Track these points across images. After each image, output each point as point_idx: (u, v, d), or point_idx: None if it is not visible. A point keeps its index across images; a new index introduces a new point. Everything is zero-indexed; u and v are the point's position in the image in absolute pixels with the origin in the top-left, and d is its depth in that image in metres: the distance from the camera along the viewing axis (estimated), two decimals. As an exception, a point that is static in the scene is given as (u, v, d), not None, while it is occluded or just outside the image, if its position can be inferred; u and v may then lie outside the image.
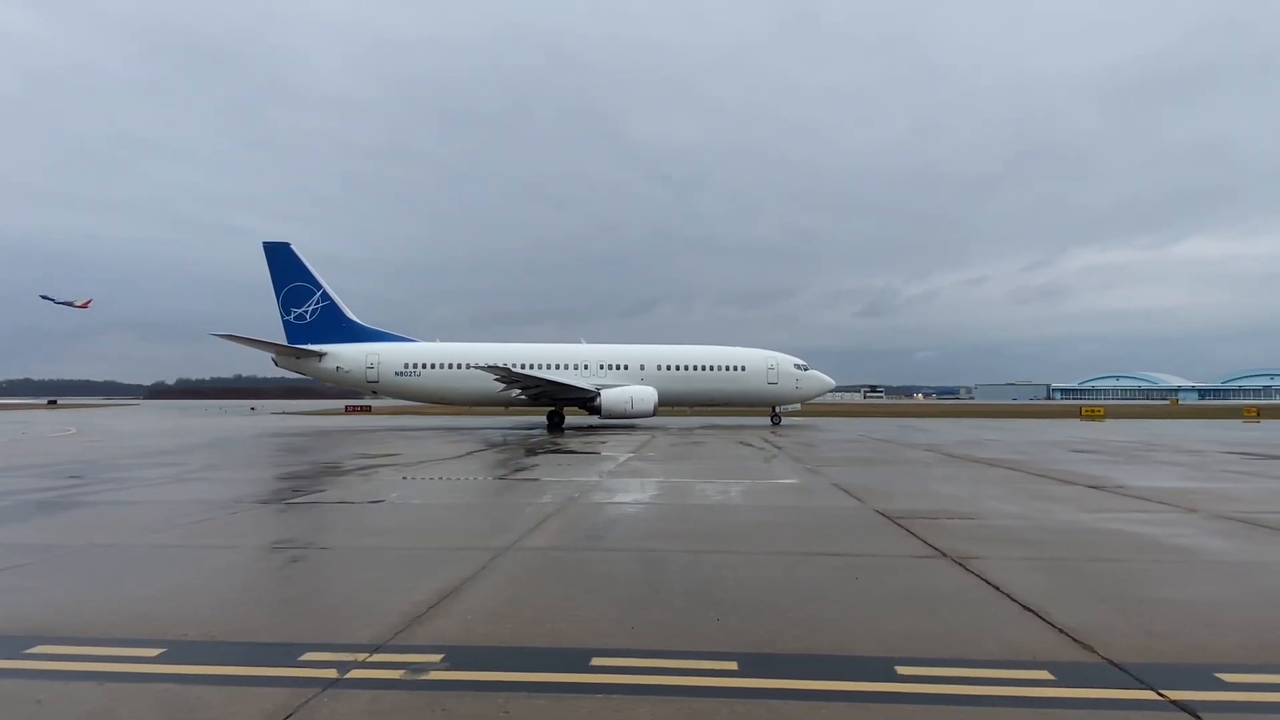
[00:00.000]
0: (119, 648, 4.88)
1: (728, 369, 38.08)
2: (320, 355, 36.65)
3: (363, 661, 4.60)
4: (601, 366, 37.46)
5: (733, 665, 4.51)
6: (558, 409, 37.41)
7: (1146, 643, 4.94)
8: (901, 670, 4.45)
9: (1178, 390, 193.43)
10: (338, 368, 36.84)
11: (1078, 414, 60.00)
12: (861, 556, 7.71)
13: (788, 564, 7.35)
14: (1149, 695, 4.07)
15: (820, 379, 38.94)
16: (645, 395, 35.45)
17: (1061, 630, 5.21)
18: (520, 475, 15.60)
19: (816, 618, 5.51)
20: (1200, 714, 3.82)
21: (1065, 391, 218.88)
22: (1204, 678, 4.32)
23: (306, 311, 37.29)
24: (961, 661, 4.61)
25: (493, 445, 24.48)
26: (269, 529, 9.32)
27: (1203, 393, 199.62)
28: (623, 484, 13.81)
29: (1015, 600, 5.97)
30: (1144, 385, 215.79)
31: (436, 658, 4.64)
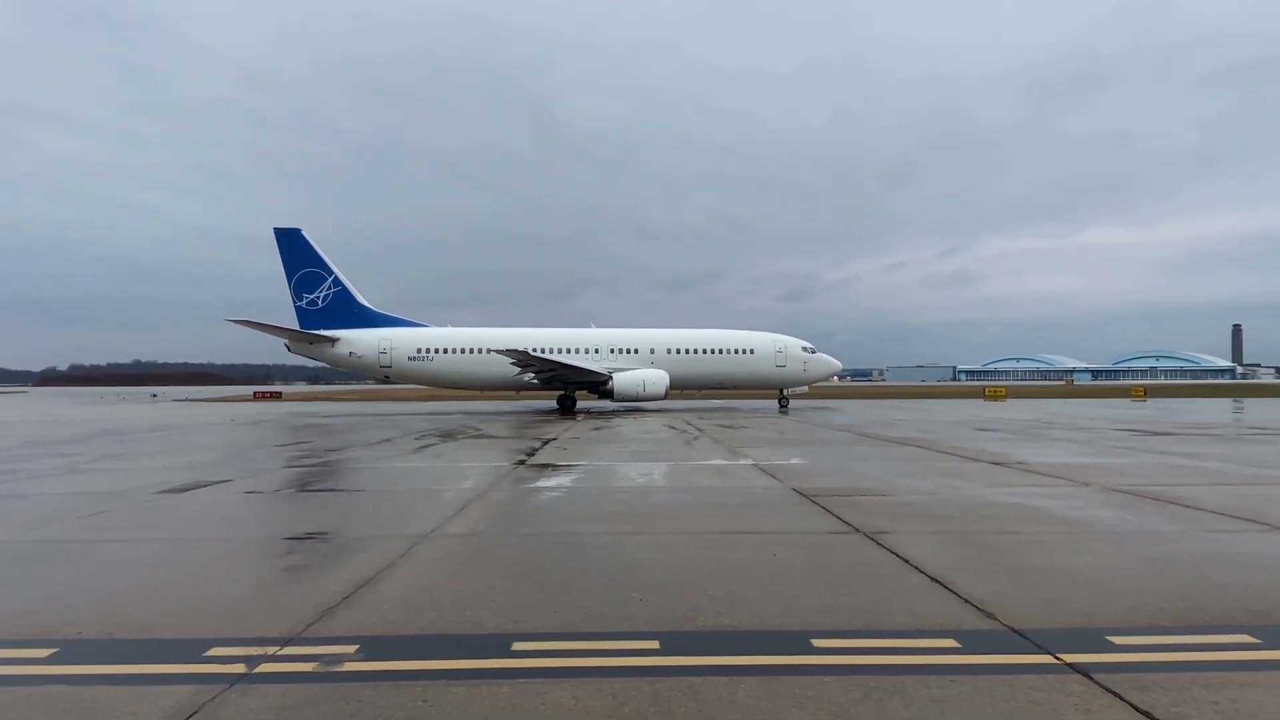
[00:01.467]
0: (4, 649, 4.57)
1: (736, 352, 38.48)
2: (333, 341, 36.93)
3: (273, 655, 4.44)
4: (612, 350, 37.69)
5: (655, 644, 4.54)
6: (569, 393, 37.52)
7: (1044, 610, 5.21)
8: (817, 643, 4.57)
9: (1073, 371, 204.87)
10: (351, 353, 37.07)
11: (981, 394, 62.83)
12: (779, 534, 7.88)
13: (709, 543, 7.45)
14: (1046, 659, 4.29)
15: (827, 361, 39.49)
16: (657, 379, 35.70)
17: (967, 600, 5.44)
18: (441, 462, 15.33)
19: (736, 594, 5.60)
20: (1092, 674, 4.06)
21: (970, 373, 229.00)
22: (1096, 641, 4.58)
23: (319, 297, 37.50)
24: (874, 633, 4.77)
25: (415, 433, 24.01)
26: (173, 521, 8.89)
27: (1095, 373, 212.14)
28: (547, 468, 13.75)
29: (924, 572, 6.21)
30: (1042, 366, 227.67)
31: (351, 649, 4.51)
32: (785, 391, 39.94)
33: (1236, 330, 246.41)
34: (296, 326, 37.37)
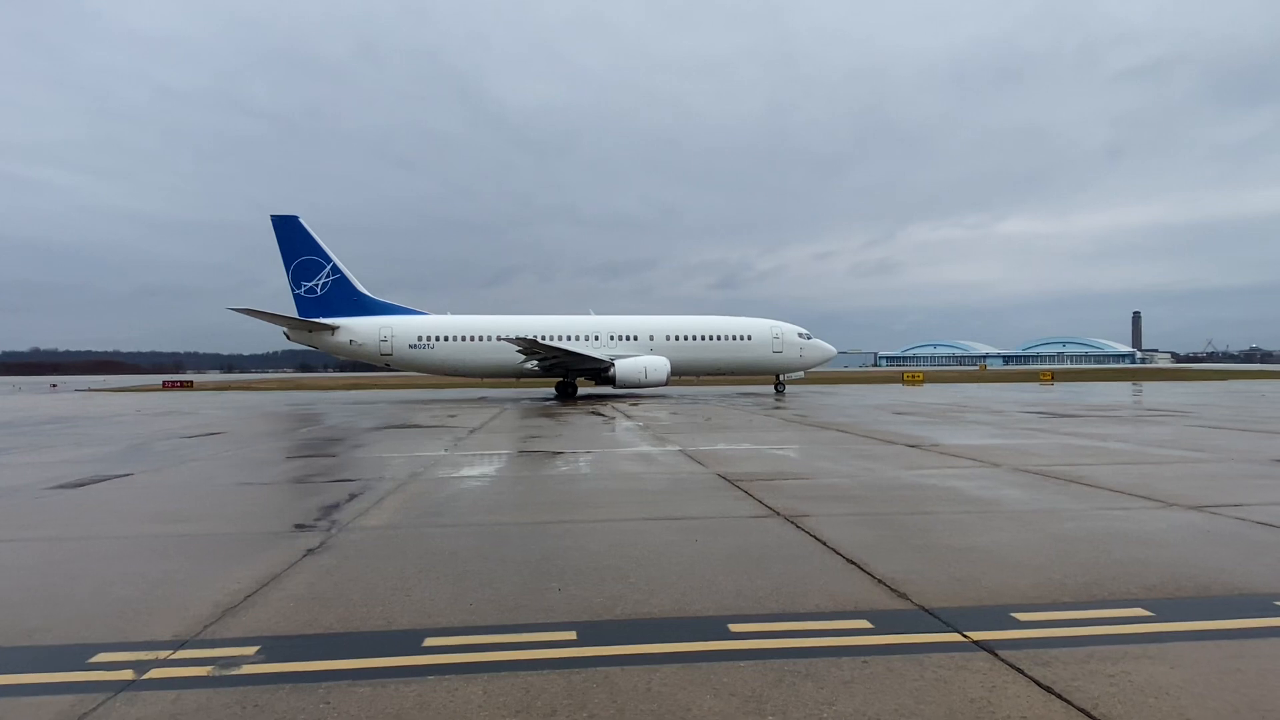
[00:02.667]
0: None
1: (734, 338, 39.02)
2: (333, 329, 36.69)
3: (165, 660, 4.18)
4: (612, 337, 38.00)
5: (572, 635, 4.47)
6: (570, 380, 37.73)
7: (953, 588, 5.35)
8: (734, 628, 4.57)
9: (986, 357, 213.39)
10: (351, 341, 36.93)
11: (900, 379, 64.76)
12: (702, 519, 7.90)
13: (632, 530, 7.41)
14: (955, 638, 4.39)
15: (822, 347, 40.25)
16: (658, 365, 35.98)
17: (880, 581, 5.54)
18: (360, 452, 14.89)
19: (656, 581, 5.57)
20: (997, 651, 4.17)
21: (891, 359, 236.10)
22: (1001, 618, 4.72)
23: (317, 285, 37.25)
24: (790, 615, 4.80)
25: (339, 422, 23.30)
26: (63, 518, 8.34)
27: (1007, 359, 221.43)
28: (470, 457, 13.50)
29: (841, 554, 6.31)
30: (958, 352, 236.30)
31: (251, 650, 4.29)
32: (782, 376, 40.73)
33: (1136, 317, 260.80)
34: (295, 315, 36.98)
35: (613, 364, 35.69)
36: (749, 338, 39.00)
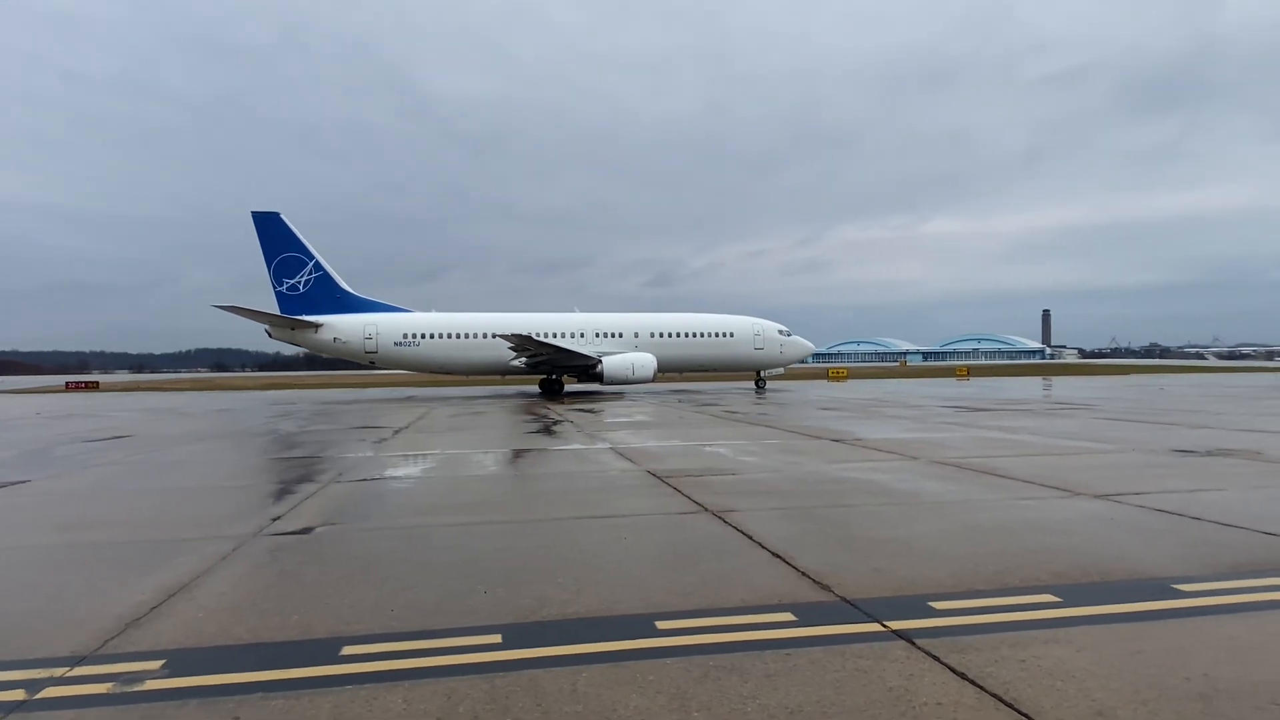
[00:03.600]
0: None
1: (717, 335, 39.46)
2: (316, 326, 36.15)
3: (61, 677, 3.93)
4: (598, 335, 38.11)
5: (497, 638, 4.39)
6: (557, 377, 37.90)
7: (874, 579, 5.48)
8: (661, 625, 4.57)
9: (906, 353, 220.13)
10: (335, 339, 36.44)
11: (826, 376, 66.25)
12: (630, 517, 7.90)
13: (561, 529, 7.35)
14: (875, 628, 4.49)
15: (801, 344, 41.03)
16: (646, 362, 36.26)
17: (804, 573, 5.64)
18: (278, 455, 14.39)
19: (584, 580, 5.53)
20: (915, 640, 4.28)
21: (817, 356, 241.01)
22: (919, 607, 4.85)
23: (300, 282, 36.76)
24: (717, 611, 4.83)
25: (258, 424, 22.45)
26: (-53, 531, 7.78)
27: (926, 355, 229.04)
28: (395, 458, 13.19)
29: (766, 548, 6.39)
30: (880, 349, 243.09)
31: (156, 665, 4.08)
32: (762, 373, 41.33)
33: (1046, 315, 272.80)
34: (277, 312, 36.36)
35: (600, 361, 35.78)
36: (731, 335, 39.63)
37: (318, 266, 37.10)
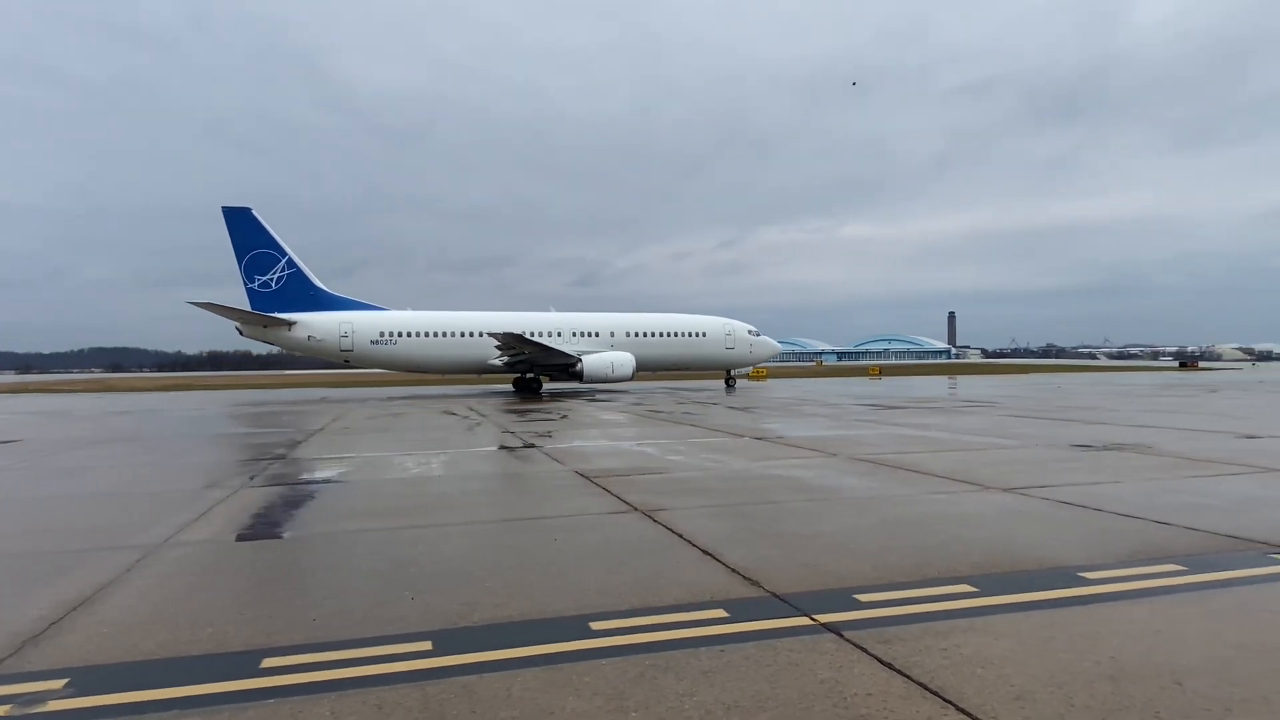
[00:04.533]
0: None
1: (690, 335, 40.29)
2: (290, 324, 35.41)
3: (-53, 704, 3.63)
4: (574, 334, 38.27)
5: (427, 645, 4.28)
6: (536, 375, 37.95)
7: (801, 573, 5.59)
8: (595, 626, 4.55)
9: (821, 353, 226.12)
10: (309, 337, 35.73)
11: (746, 375, 67.43)
12: (560, 518, 7.84)
13: (489, 532, 7.24)
14: (804, 622, 4.58)
15: (770, 344, 42.43)
16: (624, 361, 36.72)
17: (734, 570, 5.71)
18: (185, 460, 13.69)
19: (516, 583, 5.46)
20: (843, 632, 4.39)
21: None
22: (845, 600, 4.98)
23: (272, 279, 36.02)
24: (651, 610, 4.84)
25: (163, 428, 21.29)
26: None
27: (840, 355, 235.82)
28: (312, 461, 12.73)
29: (696, 546, 6.45)
30: (797, 349, 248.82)
31: (58, 684, 3.81)
32: (732, 372, 42.50)
33: (951, 317, 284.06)
34: (248, 309, 35.57)
35: (580, 360, 35.87)
36: (704, 335, 40.63)
37: (291, 263, 36.31)
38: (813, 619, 4.62)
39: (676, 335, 40.37)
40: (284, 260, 36.30)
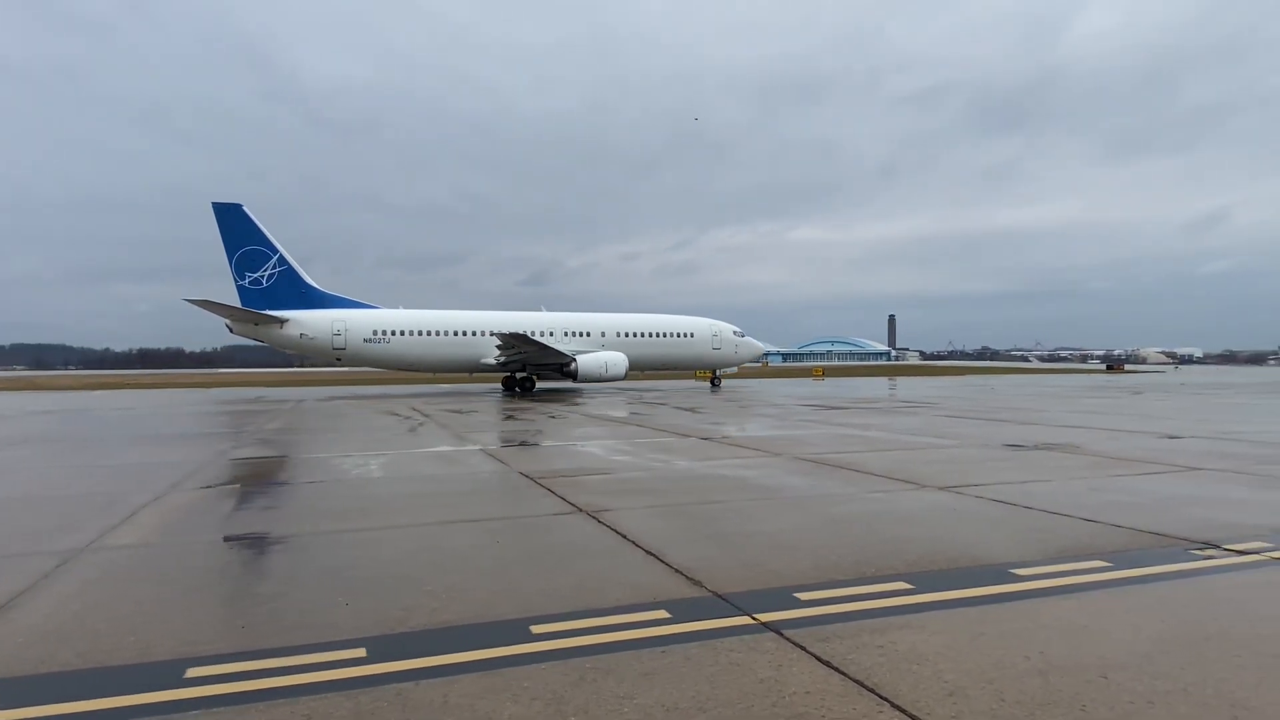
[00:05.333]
0: None
1: (678, 336, 41.05)
2: (282, 322, 35.02)
3: None
4: (566, 334, 38.40)
5: (361, 652, 4.17)
6: (529, 374, 37.83)
7: (743, 573, 5.63)
8: (536, 629, 4.50)
9: (767, 354, 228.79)
10: (301, 335, 35.42)
11: (693, 376, 67.87)
12: (503, 520, 7.75)
13: (430, 535, 7.11)
14: (745, 621, 4.61)
15: (754, 344, 43.35)
16: (618, 360, 37.04)
17: (677, 570, 5.71)
18: (112, 460, 13.14)
19: (455, 587, 5.36)
20: (783, 631, 4.42)
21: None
22: (786, 599, 5.02)
23: (262, 276, 35.61)
24: (592, 612, 4.80)
25: (91, 428, 20.40)
26: None
27: (785, 356, 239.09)
28: (244, 463, 12.34)
29: (640, 547, 6.44)
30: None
31: (-39, 701, 3.60)
32: (718, 371, 43.12)
33: (891, 320, 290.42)
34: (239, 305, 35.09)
35: (574, 359, 36.02)
36: (691, 335, 41.36)
37: (282, 261, 35.88)
38: (754, 618, 4.65)
39: (665, 336, 41.09)
40: (275, 257, 35.89)
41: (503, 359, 36.51)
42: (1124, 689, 3.63)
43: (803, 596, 5.07)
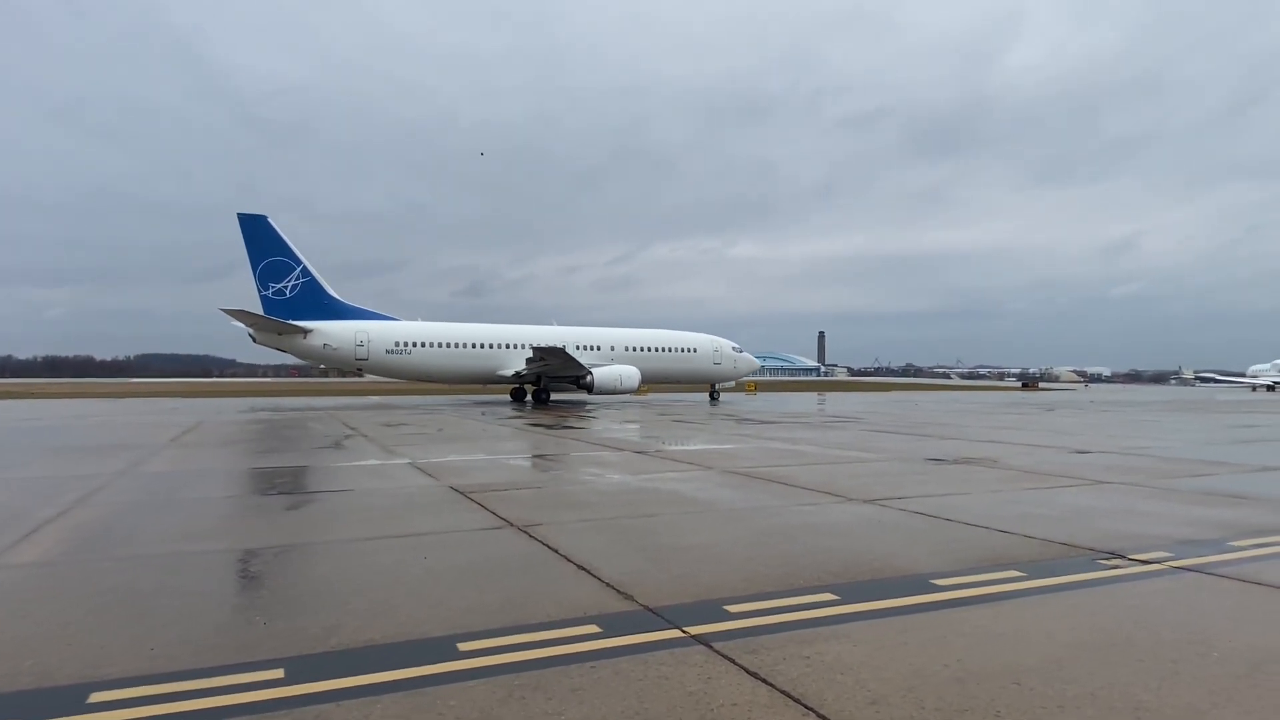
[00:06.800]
0: None
1: (682, 351, 43.10)
2: (306, 332, 35.53)
3: None
4: (577, 347, 38.83)
5: (279, 673, 4.02)
6: (544, 386, 38.66)
7: (674, 586, 5.65)
8: (464, 646, 4.42)
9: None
10: (325, 345, 35.99)
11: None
12: (432, 534, 7.60)
13: (353, 551, 6.91)
14: (675, 634, 4.63)
15: (750, 360, 45.48)
16: (632, 374, 38.59)
17: (608, 584, 5.70)
18: (10, 474, 12.39)
19: (380, 605, 5.23)
20: (712, 644, 4.46)
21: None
22: (716, 611, 5.06)
23: (286, 287, 36.14)
24: (522, 628, 4.75)
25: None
26: None
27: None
28: (156, 475, 11.80)
29: (572, 561, 6.40)
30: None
31: None
32: (717, 385, 44.64)
33: (821, 336, 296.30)
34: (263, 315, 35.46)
35: (590, 372, 36.72)
36: (694, 350, 43.13)
37: (305, 272, 36.44)
38: (684, 631, 4.67)
39: (670, 350, 42.77)
40: (299, 269, 36.38)
41: (530, 371, 37.32)
42: (1036, 694, 3.77)
43: (732, 609, 5.11)
